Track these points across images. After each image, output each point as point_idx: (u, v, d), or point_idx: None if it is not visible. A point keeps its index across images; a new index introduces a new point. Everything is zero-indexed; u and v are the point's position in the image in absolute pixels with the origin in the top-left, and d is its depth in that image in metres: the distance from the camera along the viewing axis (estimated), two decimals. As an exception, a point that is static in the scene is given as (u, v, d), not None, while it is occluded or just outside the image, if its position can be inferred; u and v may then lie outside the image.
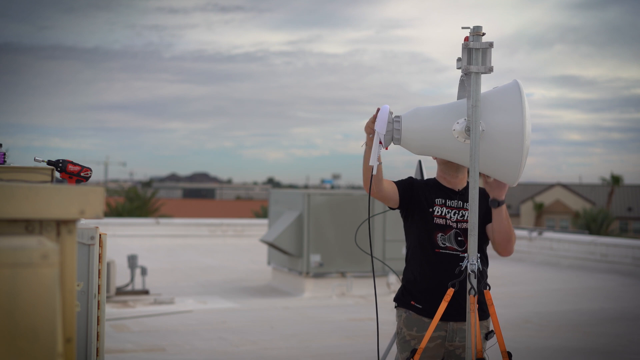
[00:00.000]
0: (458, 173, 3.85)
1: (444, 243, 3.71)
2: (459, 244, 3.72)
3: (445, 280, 3.56)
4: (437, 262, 3.70)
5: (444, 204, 3.79)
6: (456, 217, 3.76)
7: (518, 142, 3.41)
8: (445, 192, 3.83)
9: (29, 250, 1.28)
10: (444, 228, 3.73)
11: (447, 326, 3.65)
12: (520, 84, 3.50)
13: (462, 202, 3.79)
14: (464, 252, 3.62)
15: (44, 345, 1.28)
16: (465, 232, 3.68)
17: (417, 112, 3.63)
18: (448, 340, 3.67)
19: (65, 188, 1.44)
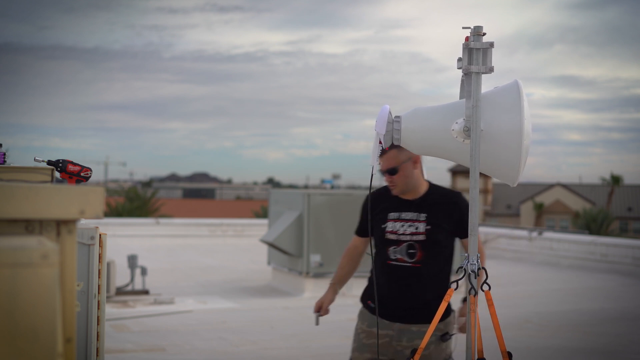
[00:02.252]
0: None
1: (394, 255, 3.78)
2: (409, 255, 3.76)
3: (395, 290, 3.78)
4: (389, 272, 3.80)
5: (397, 218, 3.81)
6: (410, 230, 3.78)
7: (517, 142, 3.41)
8: (401, 204, 3.84)
9: (29, 250, 1.28)
10: (396, 242, 3.79)
11: (394, 326, 3.77)
12: (520, 84, 3.50)
13: (418, 213, 3.79)
14: (414, 263, 3.73)
15: (44, 345, 1.28)
16: (420, 244, 3.74)
17: (417, 112, 3.63)
18: (396, 340, 3.76)
19: (65, 188, 1.44)
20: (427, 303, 3.72)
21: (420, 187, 3.82)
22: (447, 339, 3.70)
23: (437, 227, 3.74)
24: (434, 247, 3.75)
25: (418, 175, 3.82)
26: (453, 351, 3.87)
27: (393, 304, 3.75)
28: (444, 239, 3.77)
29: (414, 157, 3.79)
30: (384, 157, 3.78)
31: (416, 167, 3.81)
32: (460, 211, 3.79)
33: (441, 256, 3.80)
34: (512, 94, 3.49)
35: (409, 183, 3.78)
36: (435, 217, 3.77)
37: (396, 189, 3.80)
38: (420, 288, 3.74)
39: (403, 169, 3.76)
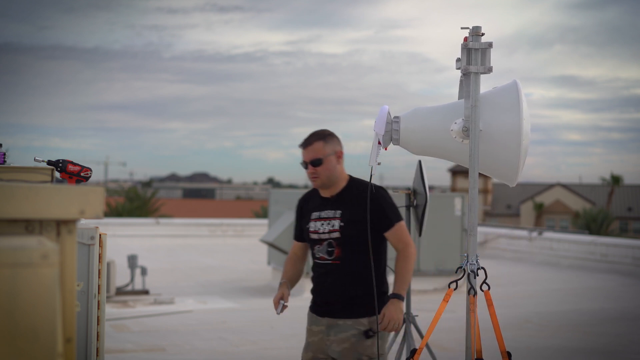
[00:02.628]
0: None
1: (318, 254, 3.82)
2: (329, 253, 3.77)
3: (319, 286, 3.84)
4: (315, 270, 3.87)
5: (318, 217, 3.83)
6: (328, 229, 3.77)
7: (516, 142, 3.41)
8: (322, 203, 3.85)
9: (29, 250, 1.28)
10: (319, 241, 3.81)
11: (323, 321, 3.79)
12: (519, 84, 3.51)
13: (334, 210, 3.78)
14: (333, 260, 3.75)
15: (44, 345, 1.28)
16: (336, 241, 3.75)
17: (416, 113, 3.64)
18: (325, 335, 3.78)
19: (65, 188, 1.45)
20: (351, 298, 3.72)
21: (340, 182, 3.80)
22: (370, 335, 3.65)
23: (352, 223, 3.71)
24: (351, 243, 3.72)
25: (341, 170, 3.79)
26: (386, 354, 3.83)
27: (321, 300, 3.82)
28: (362, 235, 3.70)
29: (338, 152, 3.78)
30: (309, 149, 3.76)
31: (339, 162, 3.79)
32: (377, 205, 3.73)
33: (363, 252, 3.72)
34: (511, 94, 3.49)
35: (331, 177, 3.76)
36: (350, 212, 3.74)
37: (318, 181, 3.77)
38: (342, 284, 3.73)
39: (327, 161, 3.73)
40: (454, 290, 3.54)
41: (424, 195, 4.63)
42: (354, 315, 3.72)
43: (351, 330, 3.69)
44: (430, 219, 5.32)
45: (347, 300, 3.73)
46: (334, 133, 3.86)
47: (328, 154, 3.75)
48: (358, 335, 3.68)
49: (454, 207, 11.32)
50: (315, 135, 3.81)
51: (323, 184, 3.79)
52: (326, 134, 3.81)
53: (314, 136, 3.81)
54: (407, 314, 4.80)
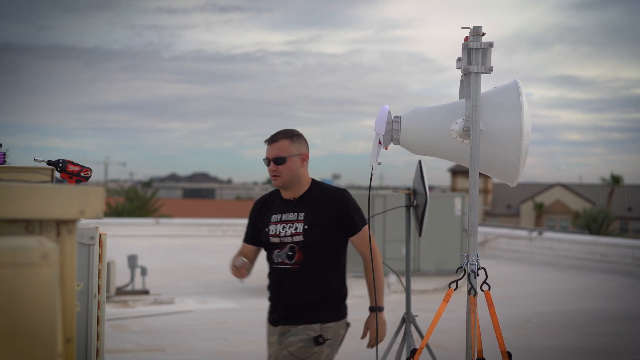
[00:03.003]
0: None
1: (277, 259, 3.71)
2: (289, 257, 3.67)
3: (278, 293, 3.73)
4: (274, 276, 3.76)
5: (279, 220, 3.72)
6: (290, 232, 3.67)
7: (517, 142, 3.41)
8: (284, 205, 3.75)
9: (29, 250, 1.28)
10: (279, 245, 3.70)
11: (277, 330, 3.70)
12: (520, 84, 3.51)
13: (297, 212, 3.69)
14: (293, 265, 3.65)
15: (44, 345, 1.28)
16: (299, 245, 3.65)
17: (416, 112, 3.63)
18: (279, 344, 3.67)
19: (65, 188, 1.45)
20: (309, 304, 3.64)
21: (302, 185, 3.72)
22: (320, 342, 3.56)
23: (316, 226, 3.63)
24: (314, 247, 3.64)
25: (303, 173, 3.71)
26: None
27: (279, 307, 3.71)
28: (326, 239, 3.65)
29: (304, 154, 3.70)
30: (274, 146, 3.67)
31: (303, 164, 3.70)
32: (343, 209, 3.67)
33: (325, 257, 3.68)
34: (511, 94, 3.49)
35: (292, 178, 3.67)
36: (314, 216, 3.65)
37: (279, 180, 3.68)
38: (300, 289, 3.64)
39: (290, 161, 3.65)
40: (454, 290, 3.53)
41: (424, 195, 4.63)
42: (307, 321, 3.63)
43: (301, 334, 3.59)
44: (430, 219, 5.32)
45: (304, 306, 3.64)
46: (302, 135, 3.77)
47: (293, 154, 3.67)
48: (307, 340, 3.58)
49: (454, 207, 11.32)
50: (282, 133, 3.72)
51: (284, 184, 3.70)
52: (294, 134, 3.73)
53: (281, 134, 3.71)
54: (407, 314, 4.80)
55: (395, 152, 3.99)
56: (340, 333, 3.75)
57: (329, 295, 3.69)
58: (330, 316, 3.68)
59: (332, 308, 3.69)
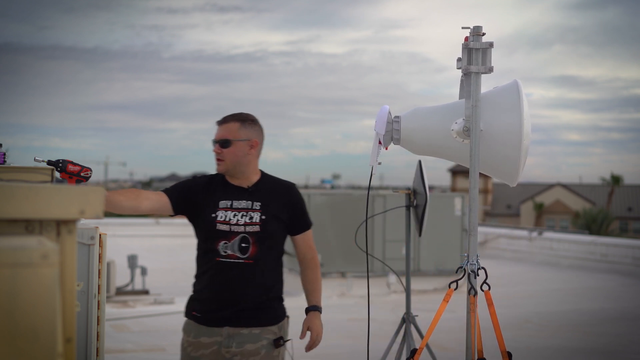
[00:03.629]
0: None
1: (225, 251, 3.34)
2: (241, 250, 3.33)
3: (226, 290, 3.34)
4: (218, 271, 3.35)
5: (229, 206, 3.37)
6: (244, 221, 3.34)
7: (517, 142, 3.41)
8: (233, 191, 3.41)
9: (29, 250, 1.28)
10: (227, 235, 3.34)
11: (223, 331, 3.34)
12: (520, 84, 3.51)
13: (252, 201, 3.38)
14: (247, 259, 3.32)
15: (44, 345, 1.28)
16: (254, 236, 3.33)
17: (416, 112, 3.64)
18: (225, 347, 3.33)
19: (65, 188, 1.45)
20: (259, 304, 3.35)
21: (251, 174, 3.43)
22: (280, 344, 3.36)
23: (273, 217, 3.37)
24: (269, 240, 3.36)
25: (251, 161, 3.41)
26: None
27: (221, 306, 3.34)
28: (280, 232, 3.41)
29: (254, 142, 3.40)
30: (223, 127, 3.40)
31: (251, 152, 3.40)
32: (297, 204, 3.47)
33: (275, 251, 3.42)
34: (511, 94, 3.49)
35: (237, 164, 3.38)
36: (271, 206, 3.38)
37: (222, 165, 3.39)
38: (253, 287, 3.33)
39: (236, 146, 3.36)
40: (454, 290, 3.53)
41: (424, 195, 4.63)
42: (262, 323, 3.35)
43: (260, 340, 3.32)
44: (430, 219, 5.32)
45: (256, 306, 3.35)
46: (258, 122, 3.47)
47: (241, 138, 3.37)
48: (268, 345, 3.34)
49: (454, 207, 11.33)
50: (234, 115, 3.44)
51: (227, 170, 3.40)
52: (248, 118, 3.44)
53: (233, 116, 3.43)
54: (407, 314, 4.80)
55: (395, 152, 3.98)
56: (287, 328, 3.57)
57: (277, 294, 3.44)
58: (282, 315, 3.45)
59: (280, 306, 3.45)
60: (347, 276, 10.65)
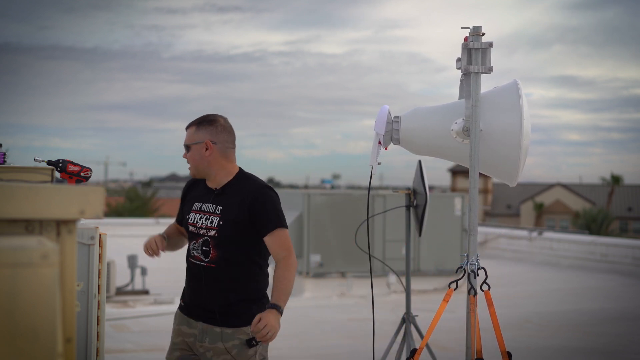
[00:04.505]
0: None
1: (193, 252, 3.47)
2: (204, 253, 3.42)
3: (195, 290, 3.47)
4: (189, 270, 3.53)
5: (199, 209, 3.48)
6: (206, 224, 3.42)
7: (516, 142, 3.41)
8: (205, 194, 3.51)
9: (29, 250, 1.28)
10: (195, 236, 3.47)
11: (197, 326, 3.45)
12: (519, 84, 3.51)
13: (216, 205, 3.44)
14: (208, 263, 3.40)
15: (44, 345, 1.28)
16: (213, 239, 3.39)
17: (416, 112, 3.64)
18: (199, 340, 3.43)
19: (65, 188, 1.45)
20: (229, 305, 3.38)
21: (221, 175, 3.46)
22: (253, 344, 3.36)
23: (231, 222, 3.37)
24: (229, 245, 3.38)
25: (212, 162, 3.43)
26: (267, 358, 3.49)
27: (194, 303, 3.47)
28: (241, 236, 3.39)
29: (207, 142, 3.42)
30: (186, 132, 3.50)
31: (207, 153, 3.42)
32: (258, 205, 3.40)
33: (242, 255, 3.42)
34: (511, 94, 3.49)
35: (199, 167, 3.45)
36: (231, 211, 3.38)
37: (190, 169, 3.50)
38: (219, 290, 3.39)
39: (194, 149, 3.43)
40: (454, 290, 3.54)
41: (424, 195, 4.63)
42: (234, 324, 3.39)
43: (232, 340, 3.36)
44: (430, 219, 5.32)
45: (225, 308, 3.39)
46: (215, 122, 3.47)
47: (196, 141, 3.43)
48: (240, 345, 3.37)
49: (454, 207, 11.33)
50: (195, 119, 3.50)
51: (193, 174, 3.51)
52: (203, 120, 3.47)
53: (194, 121, 3.50)
54: (407, 314, 4.80)
55: (395, 152, 3.95)
56: None
57: (250, 296, 3.44)
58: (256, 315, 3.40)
59: (257, 307, 3.42)
60: (347, 276, 10.65)
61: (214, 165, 3.44)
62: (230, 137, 3.51)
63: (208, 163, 3.44)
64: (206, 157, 3.43)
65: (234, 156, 3.55)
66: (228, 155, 3.48)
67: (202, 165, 3.45)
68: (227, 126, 3.50)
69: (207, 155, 3.43)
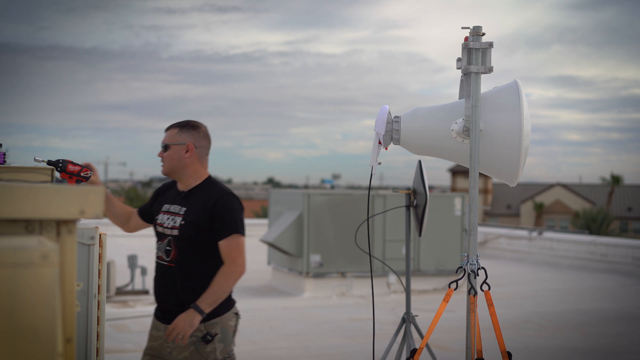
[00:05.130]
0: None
1: (158, 252, 3.61)
2: (166, 253, 3.55)
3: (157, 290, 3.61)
4: (155, 271, 3.66)
5: (167, 210, 3.64)
6: (171, 224, 3.57)
7: (517, 142, 3.41)
8: (174, 196, 3.68)
9: (29, 250, 1.28)
10: (161, 237, 3.60)
11: (162, 327, 3.58)
12: (520, 84, 3.51)
13: (181, 206, 3.59)
14: (169, 262, 3.52)
15: (44, 345, 1.28)
16: (174, 239, 3.52)
17: (416, 113, 3.64)
18: (165, 342, 3.54)
19: (65, 188, 1.45)
20: (182, 305, 3.47)
21: (191, 178, 3.62)
22: (208, 340, 3.45)
23: (192, 224, 3.50)
24: (189, 245, 3.49)
25: (189, 164, 3.59)
26: (233, 357, 3.57)
27: (159, 302, 3.62)
28: (201, 237, 3.49)
29: (189, 145, 3.59)
30: (166, 133, 3.66)
31: (187, 156, 3.58)
32: (217, 210, 3.51)
33: (202, 256, 3.51)
34: (511, 94, 3.49)
35: (175, 167, 3.60)
36: (193, 212, 3.52)
37: (163, 167, 3.65)
38: (174, 289, 3.49)
39: (173, 149, 3.59)
40: (454, 290, 3.54)
41: (424, 195, 4.63)
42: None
43: (190, 337, 3.45)
44: (430, 219, 5.32)
45: (183, 307, 3.47)
46: (199, 128, 3.66)
47: (178, 142, 3.60)
48: (197, 342, 3.46)
49: (454, 207, 11.32)
50: (177, 122, 3.68)
51: (167, 172, 3.65)
52: (187, 124, 3.65)
53: (175, 123, 3.67)
54: (407, 314, 4.80)
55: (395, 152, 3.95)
56: (229, 325, 3.58)
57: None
58: (212, 313, 3.50)
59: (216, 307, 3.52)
60: (347, 276, 10.65)
61: (190, 168, 3.62)
62: (208, 144, 3.71)
63: (185, 165, 3.61)
64: (184, 159, 3.60)
65: (207, 163, 3.72)
66: (203, 161, 3.68)
67: (178, 166, 3.61)
68: (207, 134, 3.72)
69: (186, 157, 3.60)
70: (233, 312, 3.62)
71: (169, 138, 3.63)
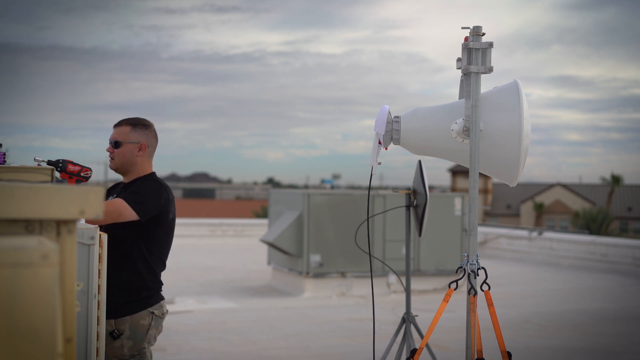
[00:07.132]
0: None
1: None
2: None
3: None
4: None
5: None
6: None
7: (517, 142, 3.41)
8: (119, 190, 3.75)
9: (29, 250, 1.28)
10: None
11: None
12: (520, 84, 3.51)
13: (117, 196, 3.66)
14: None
15: (44, 345, 1.28)
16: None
17: (416, 113, 3.64)
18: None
19: (65, 188, 1.45)
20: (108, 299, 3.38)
21: (136, 173, 3.70)
22: (115, 336, 3.51)
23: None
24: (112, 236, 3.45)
25: (139, 163, 3.67)
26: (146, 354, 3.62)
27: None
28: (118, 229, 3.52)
29: (142, 144, 3.68)
30: (116, 129, 3.69)
31: (139, 154, 3.67)
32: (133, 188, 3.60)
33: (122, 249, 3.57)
34: (511, 94, 3.49)
35: (125, 164, 3.66)
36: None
37: (112, 163, 3.70)
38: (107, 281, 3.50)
39: (125, 147, 3.65)
40: (454, 290, 3.54)
41: (424, 195, 4.63)
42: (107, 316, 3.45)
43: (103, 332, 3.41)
44: (430, 219, 5.32)
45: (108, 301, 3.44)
46: (150, 126, 3.75)
47: (130, 140, 3.66)
48: (108, 337, 3.50)
49: (454, 207, 11.32)
50: (128, 119, 3.72)
51: (116, 168, 3.70)
52: (140, 123, 3.71)
53: (127, 120, 3.71)
54: (407, 314, 4.80)
55: (395, 152, 3.94)
56: (141, 324, 3.63)
57: (122, 290, 3.56)
58: (122, 311, 3.55)
59: (124, 302, 3.57)
60: (347, 276, 10.65)
61: (139, 165, 3.70)
62: (157, 143, 3.82)
63: (135, 162, 3.69)
64: (136, 157, 3.68)
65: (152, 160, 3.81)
66: (150, 159, 3.78)
67: (129, 163, 3.68)
68: (156, 133, 3.82)
69: (138, 155, 3.69)
70: (150, 310, 3.70)
71: (121, 135, 3.68)
